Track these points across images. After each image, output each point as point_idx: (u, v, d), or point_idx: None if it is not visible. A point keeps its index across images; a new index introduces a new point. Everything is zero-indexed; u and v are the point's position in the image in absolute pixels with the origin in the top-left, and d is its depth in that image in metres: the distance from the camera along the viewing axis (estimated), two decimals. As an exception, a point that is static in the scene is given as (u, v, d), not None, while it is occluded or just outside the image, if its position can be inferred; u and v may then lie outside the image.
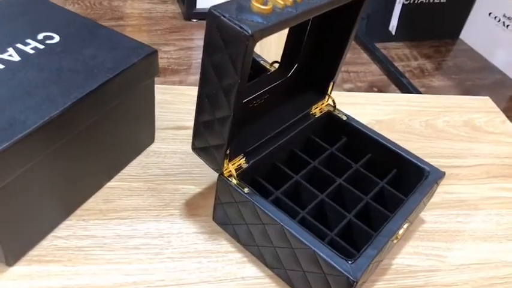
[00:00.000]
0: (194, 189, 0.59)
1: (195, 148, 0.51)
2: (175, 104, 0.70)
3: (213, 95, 0.44)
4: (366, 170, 0.58)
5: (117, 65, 0.50)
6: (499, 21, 1.80)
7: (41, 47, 0.51)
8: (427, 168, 0.56)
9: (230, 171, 0.49)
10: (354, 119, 0.61)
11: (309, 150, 0.60)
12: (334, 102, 0.62)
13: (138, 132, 0.59)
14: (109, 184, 0.57)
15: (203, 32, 0.41)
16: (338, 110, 0.62)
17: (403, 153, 0.58)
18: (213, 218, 0.55)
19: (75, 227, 0.52)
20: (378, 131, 0.72)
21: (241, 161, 0.51)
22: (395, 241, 0.50)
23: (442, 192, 0.65)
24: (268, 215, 0.47)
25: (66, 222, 0.52)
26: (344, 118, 0.61)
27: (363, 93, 0.82)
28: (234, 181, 0.49)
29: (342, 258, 0.44)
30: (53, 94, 0.45)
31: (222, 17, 0.39)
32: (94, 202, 0.55)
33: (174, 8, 1.83)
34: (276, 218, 0.47)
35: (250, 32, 0.38)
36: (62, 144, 0.46)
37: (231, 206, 0.51)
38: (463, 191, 0.66)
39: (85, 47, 0.52)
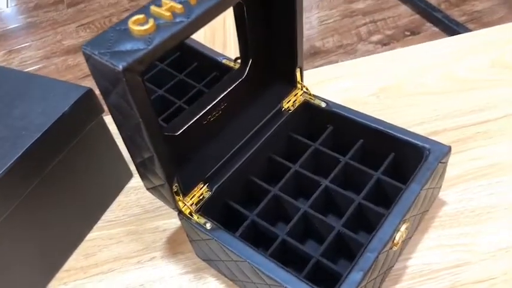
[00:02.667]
0: (176, 222, 0.54)
1: (147, 188, 0.45)
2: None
3: (130, 137, 0.38)
4: (360, 160, 0.49)
5: (45, 119, 0.46)
6: None
7: (-28, 119, 0.48)
8: (426, 145, 0.46)
9: (188, 207, 0.44)
10: (335, 104, 0.52)
11: (292, 152, 0.53)
12: (308, 90, 0.53)
13: (106, 174, 0.55)
14: (89, 235, 0.54)
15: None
16: (315, 96, 0.53)
17: (397, 134, 0.48)
18: (196, 254, 0.50)
19: (56, 293, 0.49)
20: (383, 101, 0.63)
21: (202, 191, 0.45)
22: (395, 248, 0.42)
23: (466, 159, 0.54)
24: (233, 252, 0.41)
25: (47, 290, 0.50)
26: (323, 105, 0.52)
27: (362, 58, 0.71)
28: (194, 217, 0.43)
29: (320, 291, 0.37)
30: (-24, 173, 0.42)
31: (93, 55, 0.32)
32: (75, 260, 0.52)
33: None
34: (241, 255, 0.40)
35: (121, 67, 0.31)
36: (7, 217, 0.43)
37: (201, 243, 0.45)
38: (494, 152, 0.55)
39: (15, 107, 0.48)
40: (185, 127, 0.46)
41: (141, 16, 0.34)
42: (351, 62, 0.73)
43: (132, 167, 0.59)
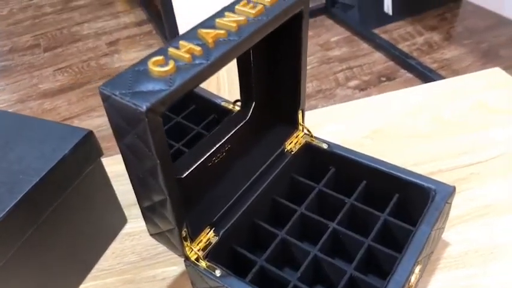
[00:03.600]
0: (176, 270, 0.51)
1: (151, 234, 0.44)
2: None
3: (141, 179, 0.37)
4: (364, 202, 0.49)
5: (44, 163, 0.44)
6: (500, -30, 1.65)
7: (-36, 162, 0.45)
8: (432, 186, 0.47)
9: (196, 253, 0.42)
10: (336, 145, 0.52)
11: (295, 194, 0.52)
12: (309, 131, 0.53)
13: (101, 220, 0.53)
14: (83, 286, 0.51)
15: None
16: (316, 138, 0.53)
17: (401, 174, 0.48)
18: (199, 303, 0.48)
19: None
20: (377, 144, 0.64)
21: (209, 236, 0.44)
22: (410, 291, 0.41)
23: (465, 200, 0.55)
24: (246, 300, 0.39)
25: None
26: (325, 147, 0.52)
27: (352, 101, 0.73)
28: (203, 264, 0.42)
29: None
30: (-29, 220, 0.39)
31: (113, 96, 0.32)
32: (66, 313, 0.49)
33: (161, 50, 1.79)
34: (255, 303, 0.39)
35: (144, 107, 0.30)
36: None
37: (208, 291, 0.43)
38: (488, 193, 0.56)
39: (11, 150, 0.46)
40: (191, 169, 0.45)
41: (160, 58, 0.34)
42: (339, 106, 0.74)
43: (127, 212, 0.57)
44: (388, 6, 1.67)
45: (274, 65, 0.49)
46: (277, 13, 0.39)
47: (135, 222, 0.57)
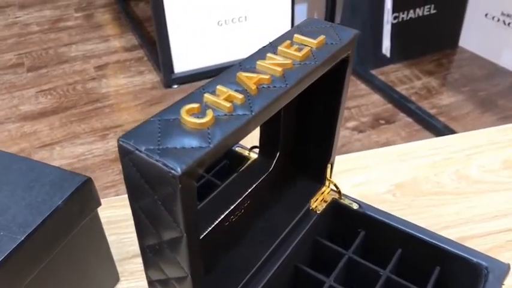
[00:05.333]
0: None
1: (157, 310, 0.36)
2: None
3: (157, 250, 0.30)
4: (400, 274, 0.43)
5: (32, 216, 0.36)
6: (498, 20, 1.67)
7: None
8: (483, 263, 0.41)
9: (211, 337, 0.35)
10: (368, 206, 0.46)
11: (319, 260, 0.45)
12: (337, 188, 0.47)
13: (91, 279, 0.45)
14: None
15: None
16: (345, 196, 0.47)
17: (443, 245, 0.42)
18: None
19: None
20: (400, 200, 0.58)
21: (226, 313, 0.36)
22: None
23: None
24: None
25: None
26: (355, 207, 0.46)
27: (370, 150, 0.68)
28: None
29: None
30: None
31: (137, 152, 0.25)
32: None
33: (152, 77, 1.73)
34: None
35: (179, 170, 0.24)
36: None
37: None
38: (531, 265, 0.50)
39: (-8, 197, 0.38)
40: (208, 230, 0.38)
41: (195, 105, 0.28)
42: (355, 155, 0.69)
43: (120, 268, 0.49)
44: (386, 48, 1.65)
45: (307, 112, 0.43)
46: (326, 57, 0.34)
47: (127, 282, 0.49)
